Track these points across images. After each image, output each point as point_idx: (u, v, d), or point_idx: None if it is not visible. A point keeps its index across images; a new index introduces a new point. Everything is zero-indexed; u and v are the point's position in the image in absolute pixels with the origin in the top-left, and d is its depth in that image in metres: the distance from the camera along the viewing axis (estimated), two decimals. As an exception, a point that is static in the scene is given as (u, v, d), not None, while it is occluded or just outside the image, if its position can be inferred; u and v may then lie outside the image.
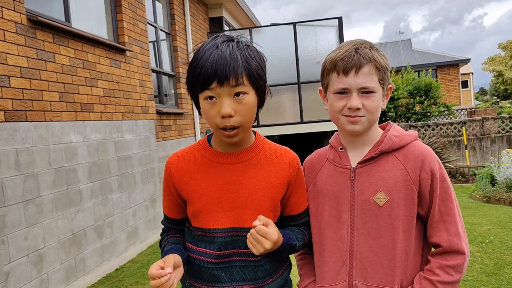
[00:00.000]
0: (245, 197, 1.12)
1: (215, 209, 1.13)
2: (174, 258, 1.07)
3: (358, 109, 1.15)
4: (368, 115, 1.16)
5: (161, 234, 1.32)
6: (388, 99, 1.23)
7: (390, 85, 1.21)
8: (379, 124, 1.27)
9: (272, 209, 1.15)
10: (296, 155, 1.22)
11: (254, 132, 1.21)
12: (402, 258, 1.15)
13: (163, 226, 1.32)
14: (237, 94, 1.02)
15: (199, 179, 1.15)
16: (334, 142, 1.29)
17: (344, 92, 1.16)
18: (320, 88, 1.28)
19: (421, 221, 1.19)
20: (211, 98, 1.03)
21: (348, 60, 1.14)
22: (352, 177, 1.20)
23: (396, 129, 1.22)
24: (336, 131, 1.35)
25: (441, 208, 1.14)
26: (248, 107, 1.05)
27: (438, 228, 1.14)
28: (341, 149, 1.26)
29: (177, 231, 1.28)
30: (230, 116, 1.02)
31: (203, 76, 1.01)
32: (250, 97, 1.05)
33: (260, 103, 1.12)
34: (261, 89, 1.09)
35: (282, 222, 1.25)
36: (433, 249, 1.20)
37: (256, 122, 1.41)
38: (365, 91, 1.15)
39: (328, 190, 1.24)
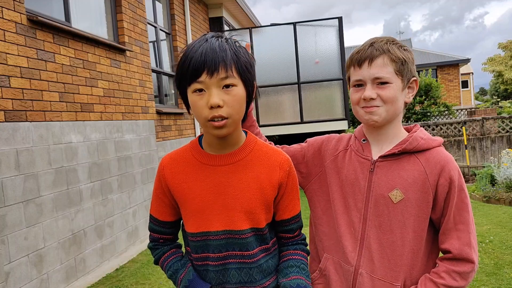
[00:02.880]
0: (235, 199, 1.11)
1: (206, 212, 1.12)
2: None
3: (372, 99, 1.17)
4: (385, 105, 1.18)
5: (153, 248, 1.25)
6: (414, 93, 1.23)
7: (414, 78, 1.21)
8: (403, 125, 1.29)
9: (264, 211, 1.13)
10: (288, 157, 1.19)
11: (246, 132, 1.20)
12: (409, 257, 1.17)
13: (153, 241, 1.25)
14: (226, 86, 1.02)
15: (190, 182, 1.14)
16: (358, 134, 1.31)
17: (360, 84, 1.20)
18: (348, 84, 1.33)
19: (432, 225, 1.20)
20: (200, 90, 1.02)
21: (362, 53, 1.19)
22: (371, 169, 1.21)
23: (422, 132, 1.22)
24: (335, 131, 1.37)
25: (456, 217, 1.15)
26: (237, 98, 1.04)
27: (451, 236, 1.16)
28: (363, 140, 1.27)
29: (169, 238, 1.25)
30: (219, 106, 1.01)
31: (192, 67, 1.01)
32: (239, 89, 1.04)
33: (249, 98, 1.11)
34: (249, 83, 1.08)
35: (273, 228, 1.22)
36: (441, 254, 1.21)
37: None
38: (380, 82, 1.17)
39: (346, 175, 1.25)
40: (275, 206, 1.17)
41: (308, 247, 1.27)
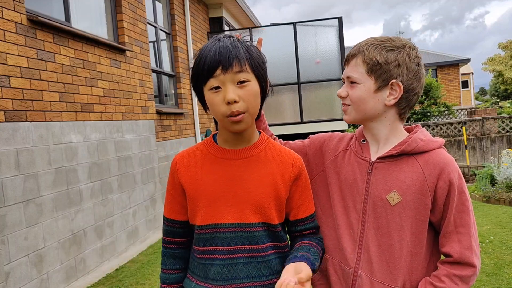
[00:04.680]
0: (246, 192, 1.13)
1: (217, 204, 1.13)
2: None
3: (342, 97, 1.23)
4: (352, 105, 1.21)
5: (163, 255, 1.25)
6: (397, 97, 1.17)
7: (393, 80, 1.16)
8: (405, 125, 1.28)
9: (275, 208, 1.15)
10: (300, 157, 1.22)
11: (259, 132, 1.23)
12: (407, 260, 1.15)
13: (163, 243, 1.25)
14: (241, 82, 1.06)
15: (202, 174, 1.16)
16: (358, 134, 1.30)
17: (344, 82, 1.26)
18: None
19: (432, 228, 1.19)
20: (216, 88, 1.06)
21: (348, 53, 1.25)
22: (369, 170, 1.20)
23: (423, 133, 1.20)
24: (336, 131, 1.38)
25: (457, 220, 1.14)
26: (251, 93, 1.07)
27: (451, 239, 1.14)
28: (363, 141, 1.27)
29: (180, 241, 1.24)
30: (235, 102, 1.05)
31: (207, 65, 1.05)
32: (253, 84, 1.08)
33: (262, 94, 1.14)
34: (262, 78, 1.12)
35: (288, 229, 1.23)
36: (443, 257, 1.20)
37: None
38: (351, 81, 1.21)
39: (345, 176, 1.25)
40: (289, 204, 1.18)
41: (324, 246, 1.24)
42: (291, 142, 1.43)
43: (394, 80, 1.16)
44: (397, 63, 1.16)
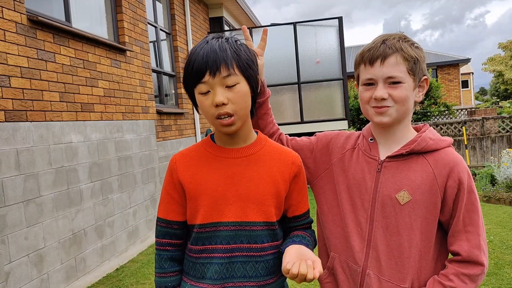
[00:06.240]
0: (247, 190, 1.13)
1: (219, 202, 1.13)
2: None
3: (384, 99, 1.14)
4: (396, 105, 1.15)
5: (158, 260, 1.21)
6: (424, 92, 1.20)
7: (425, 77, 1.18)
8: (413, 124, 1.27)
9: (275, 205, 1.16)
10: (298, 155, 1.23)
11: (257, 132, 1.23)
12: (416, 259, 1.15)
13: (158, 246, 1.22)
14: (230, 84, 1.06)
15: (203, 173, 1.16)
16: (366, 132, 1.28)
17: (371, 83, 1.17)
18: (355, 82, 1.28)
19: (441, 227, 1.18)
20: (206, 91, 1.07)
21: (374, 51, 1.15)
22: (379, 169, 1.19)
23: (432, 132, 1.20)
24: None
25: (466, 219, 1.13)
26: (240, 95, 1.08)
27: (460, 238, 1.14)
28: (371, 139, 1.25)
29: (176, 243, 1.21)
30: (224, 104, 1.05)
31: (195, 70, 1.06)
32: (242, 86, 1.09)
33: (254, 94, 1.15)
34: (252, 78, 1.11)
35: (284, 225, 1.25)
36: (450, 256, 1.20)
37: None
38: (392, 81, 1.14)
39: (353, 175, 1.23)
40: (287, 202, 1.20)
41: (316, 239, 1.29)
42: (297, 138, 1.42)
43: (425, 77, 1.18)
44: (423, 60, 1.18)
